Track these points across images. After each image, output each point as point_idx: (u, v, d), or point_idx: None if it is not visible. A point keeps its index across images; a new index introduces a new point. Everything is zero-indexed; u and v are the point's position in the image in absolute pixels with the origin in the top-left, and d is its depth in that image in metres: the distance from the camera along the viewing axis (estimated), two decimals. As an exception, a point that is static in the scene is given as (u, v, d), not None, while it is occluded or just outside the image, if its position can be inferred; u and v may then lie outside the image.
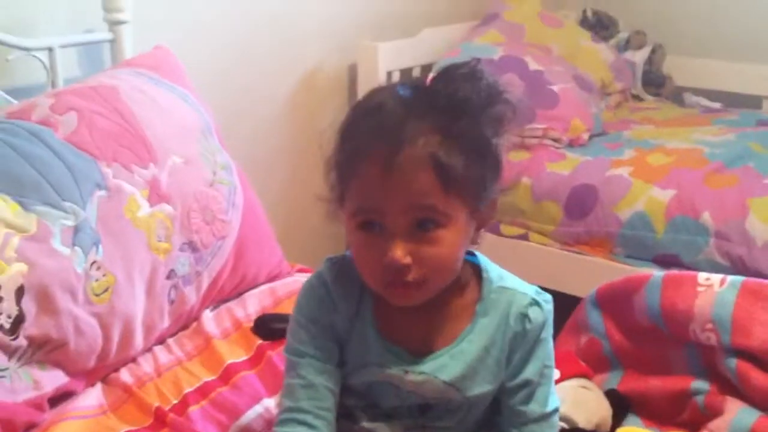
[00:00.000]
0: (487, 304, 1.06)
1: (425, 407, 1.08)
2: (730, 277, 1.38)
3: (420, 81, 1.03)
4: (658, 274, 1.43)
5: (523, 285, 1.09)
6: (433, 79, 1.01)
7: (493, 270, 1.08)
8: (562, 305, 1.23)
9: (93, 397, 1.32)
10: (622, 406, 1.38)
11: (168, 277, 1.45)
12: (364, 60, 2.50)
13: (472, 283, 1.08)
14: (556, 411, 1.09)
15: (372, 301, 1.06)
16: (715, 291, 1.35)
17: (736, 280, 1.37)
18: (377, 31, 2.59)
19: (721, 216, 2.08)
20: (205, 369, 1.41)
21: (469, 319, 1.06)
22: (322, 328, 1.07)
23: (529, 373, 1.06)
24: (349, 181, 0.99)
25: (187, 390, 1.36)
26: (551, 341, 1.09)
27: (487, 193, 1.00)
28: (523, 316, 1.05)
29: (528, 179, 2.36)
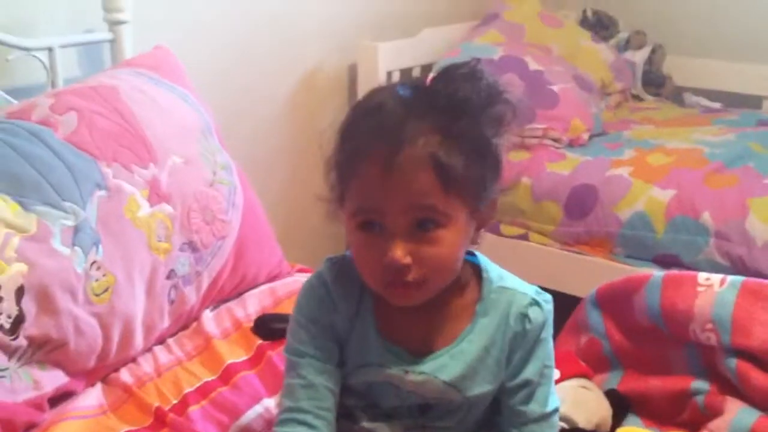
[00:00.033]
0: (487, 304, 1.06)
1: (425, 407, 1.08)
2: (730, 277, 1.38)
3: (420, 81, 1.03)
4: (658, 274, 1.43)
5: (523, 285, 1.08)
6: (433, 79, 1.01)
7: (493, 270, 1.08)
8: (562, 305, 1.23)
9: (93, 397, 1.32)
10: (622, 406, 1.38)
11: (168, 277, 1.45)
12: (364, 60, 2.49)
13: (472, 283, 1.08)
14: (556, 411, 1.09)
15: (372, 301, 1.06)
16: (715, 291, 1.35)
17: (736, 280, 1.36)
18: (377, 31, 2.59)
19: (721, 216, 2.08)
20: (205, 369, 1.41)
21: (469, 319, 1.06)
22: (322, 328, 1.07)
23: (529, 373, 1.06)
24: (349, 181, 0.99)
25: (187, 390, 1.36)
26: (551, 341, 1.09)
27: (487, 193, 1.00)
28: (523, 316, 1.05)
29: (528, 179, 2.36)
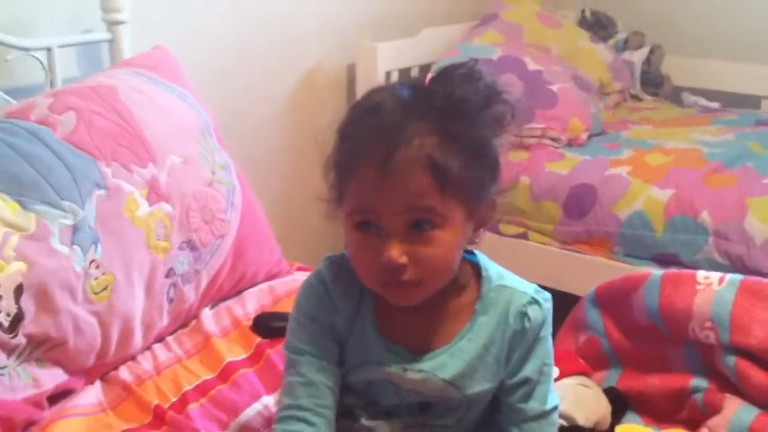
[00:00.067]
0: (486, 303, 1.06)
1: (425, 405, 1.08)
2: (729, 276, 1.38)
3: (418, 81, 1.03)
4: (657, 272, 1.43)
5: (522, 283, 1.08)
6: (432, 80, 1.01)
7: (492, 269, 1.08)
8: (561, 304, 1.23)
9: (92, 395, 1.32)
10: (621, 404, 1.38)
11: (167, 275, 1.45)
12: (363, 60, 2.50)
13: (472, 281, 1.07)
14: (555, 409, 1.09)
15: (372, 300, 1.06)
16: (713, 289, 1.35)
17: (734, 278, 1.37)
18: (377, 31, 2.59)
19: (720, 215, 2.08)
20: (205, 367, 1.42)
21: (469, 318, 1.06)
22: (321, 326, 1.07)
23: (529, 371, 1.06)
24: (347, 181, 0.99)
25: (187, 388, 1.36)
26: (550, 339, 1.09)
27: (485, 193, 1.00)
28: (523, 315, 1.05)
29: (527, 179, 2.36)
